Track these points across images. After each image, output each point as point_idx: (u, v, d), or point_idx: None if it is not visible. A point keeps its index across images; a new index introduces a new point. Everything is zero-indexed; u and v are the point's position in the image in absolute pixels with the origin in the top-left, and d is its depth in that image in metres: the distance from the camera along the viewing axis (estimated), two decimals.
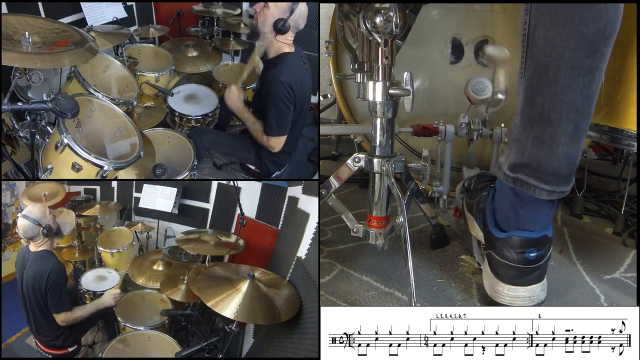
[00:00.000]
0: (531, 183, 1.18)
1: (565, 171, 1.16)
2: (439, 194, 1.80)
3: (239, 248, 2.09)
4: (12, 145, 1.71)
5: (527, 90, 1.14)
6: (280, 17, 1.80)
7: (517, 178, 1.21)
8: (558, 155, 1.14)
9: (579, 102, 1.09)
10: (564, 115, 1.10)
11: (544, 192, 1.18)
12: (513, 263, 1.22)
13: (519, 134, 1.19)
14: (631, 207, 1.90)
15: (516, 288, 1.24)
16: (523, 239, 1.21)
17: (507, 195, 1.26)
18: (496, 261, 1.27)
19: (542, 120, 1.12)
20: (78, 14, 2.25)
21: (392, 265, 1.55)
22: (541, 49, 1.08)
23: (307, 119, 2.06)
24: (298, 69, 1.87)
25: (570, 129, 1.11)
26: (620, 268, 1.54)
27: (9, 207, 2.88)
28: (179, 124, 2.20)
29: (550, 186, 1.17)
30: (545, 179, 1.17)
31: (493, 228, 1.30)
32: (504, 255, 1.24)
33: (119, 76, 2.02)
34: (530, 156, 1.17)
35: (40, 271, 1.71)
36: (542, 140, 1.14)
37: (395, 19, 1.33)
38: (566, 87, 1.07)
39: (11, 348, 2.16)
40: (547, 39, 1.06)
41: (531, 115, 1.14)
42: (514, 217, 1.25)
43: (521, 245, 1.21)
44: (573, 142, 1.13)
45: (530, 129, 1.15)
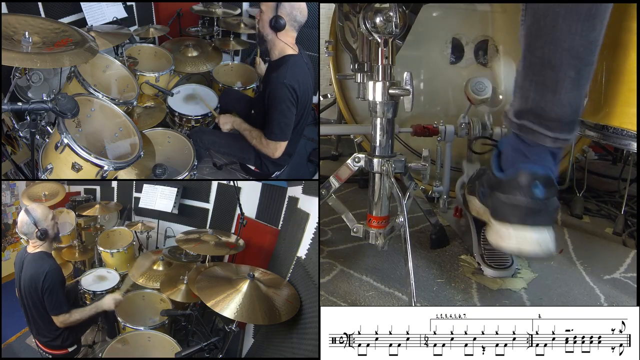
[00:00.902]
0: (536, 130, 1.18)
1: (568, 117, 1.17)
2: (439, 194, 1.80)
3: (239, 248, 2.09)
4: (12, 145, 1.71)
5: (527, 37, 1.15)
6: (272, 15, 1.82)
7: (522, 125, 1.20)
8: (561, 101, 1.14)
9: (579, 47, 1.10)
10: (564, 60, 1.11)
11: (548, 138, 1.18)
12: (521, 198, 1.16)
13: (522, 80, 1.19)
14: (631, 207, 1.90)
15: (524, 228, 1.15)
16: (530, 173, 1.17)
17: (512, 143, 1.25)
18: (502, 202, 1.20)
19: (543, 66, 1.13)
20: (78, 14, 2.25)
21: (392, 265, 1.55)
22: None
23: (308, 121, 2.06)
24: (301, 72, 1.87)
25: (571, 75, 1.12)
26: (620, 268, 1.54)
27: (9, 207, 2.88)
28: (179, 124, 2.20)
29: (554, 133, 1.17)
30: (549, 125, 1.17)
31: (497, 171, 1.27)
32: (510, 192, 1.18)
33: (119, 76, 2.02)
34: (533, 102, 1.17)
35: (36, 273, 1.70)
36: (545, 86, 1.14)
37: (395, 19, 1.33)
38: (565, 33, 1.08)
39: (11, 348, 2.16)
40: None
41: (532, 61, 1.15)
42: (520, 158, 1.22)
43: (528, 180, 1.16)
44: (575, 88, 1.14)
45: (532, 75, 1.16)
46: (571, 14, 1.07)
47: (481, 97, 1.76)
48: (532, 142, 1.20)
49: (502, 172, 1.26)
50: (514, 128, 1.23)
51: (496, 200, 1.23)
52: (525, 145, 1.22)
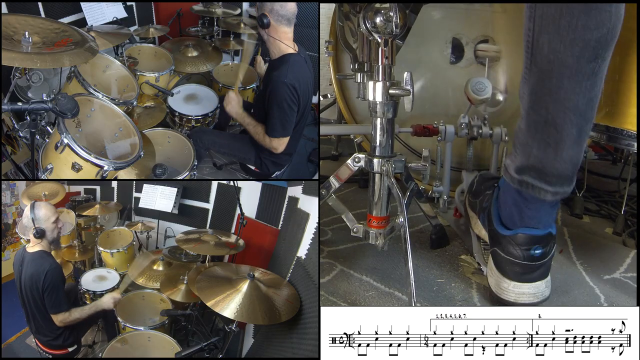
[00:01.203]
0: (536, 185, 1.21)
1: (569, 172, 1.19)
2: (439, 194, 1.80)
3: (239, 248, 2.09)
4: (12, 145, 1.71)
5: (531, 96, 1.16)
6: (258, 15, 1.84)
7: (523, 180, 1.23)
8: (563, 158, 1.17)
9: (582, 106, 1.11)
10: (567, 119, 1.12)
11: (549, 193, 1.21)
12: (519, 260, 1.24)
13: (525, 138, 1.21)
14: (631, 207, 1.90)
15: (521, 285, 1.25)
16: (528, 236, 1.23)
17: (511, 194, 1.28)
18: (501, 258, 1.28)
19: (546, 125, 1.15)
20: (78, 14, 2.25)
21: (392, 265, 1.55)
22: (545, 56, 1.10)
23: (307, 120, 2.07)
24: (301, 71, 1.87)
25: (574, 133, 1.14)
26: (620, 268, 1.54)
27: (9, 207, 2.88)
28: (179, 124, 2.20)
29: (555, 187, 1.20)
30: (549, 180, 1.19)
31: (498, 226, 1.32)
32: (510, 252, 1.26)
33: (119, 76, 2.02)
34: (535, 159, 1.19)
35: (37, 272, 1.70)
36: (547, 144, 1.16)
37: (395, 19, 1.33)
38: (569, 92, 1.10)
39: (11, 348, 2.16)
40: (551, 47, 1.08)
41: (536, 120, 1.17)
42: (519, 215, 1.27)
43: (527, 243, 1.23)
44: (577, 145, 1.16)
45: (535, 133, 1.18)
46: (577, 74, 1.08)
47: (481, 97, 1.76)
48: (531, 196, 1.22)
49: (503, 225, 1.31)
50: (515, 183, 1.25)
51: (496, 255, 1.31)
52: (525, 200, 1.25)
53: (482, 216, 1.43)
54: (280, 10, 1.82)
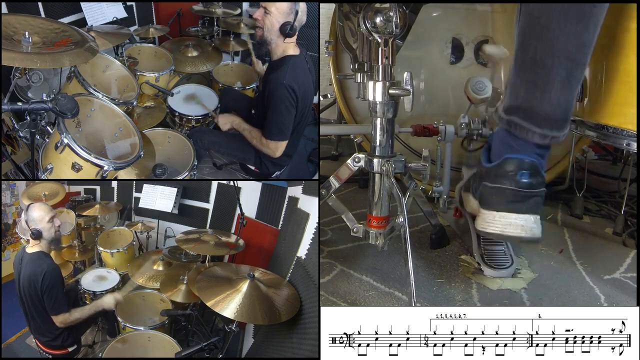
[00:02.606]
0: (524, 126, 1.19)
1: (558, 116, 1.18)
2: (439, 194, 1.80)
3: (239, 248, 2.09)
4: (12, 145, 1.71)
5: (520, 36, 1.16)
6: (285, 20, 1.79)
7: (511, 120, 1.22)
8: (551, 100, 1.16)
9: (572, 48, 1.10)
10: (556, 60, 1.12)
11: (537, 135, 1.19)
12: (506, 185, 1.20)
13: (513, 78, 1.20)
14: (631, 207, 1.90)
15: (508, 214, 1.19)
16: (515, 160, 1.20)
17: (500, 137, 1.27)
18: (489, 190, 1.24)
19: (534, 65, 1.14)
20: (78, 14, 2.25)
21: (392, 265, 1.55)
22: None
23: (308, 121, 2.06)
24: (301, 72, 1.86)
25: (562, 75, 1.13)
26: (620, 268, 1.54)
27: (9, 207, 2.88)
28: (179, 124, 2.20)
29: (543, 130, 1.18)
30: (538, 122, 1.18)
31: (486, 162, 1.30)
32: (497, 180, 1.22)
33: (119, 76, 2.02)
34: (523, 99, 1.18)
35: (35, 273, 1.70)
36: (535, 84, 1.16)
37: (395, 19, 1.33)
38: (558, 33, 1.09)
39: (11, 348, 2.16)
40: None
41: (524, 59, 1.16)
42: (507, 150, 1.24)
43: (514, 167, 1.20)
44: (566, 88, 1.15)
45: (524, 73, 1.17)
46: (565, 14, 1.07)
47: (481, 97, 1.76)
48: (520, 136, 1.21)
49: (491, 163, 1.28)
50: (503, 123, 1.24)
51: (483, 189, 1.27)
52: (514, 138, 1.23)
53: (474, 186, 1.39)
54: (302, 17, 1.83)
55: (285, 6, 1.79)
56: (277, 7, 1.78)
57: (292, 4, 1.80)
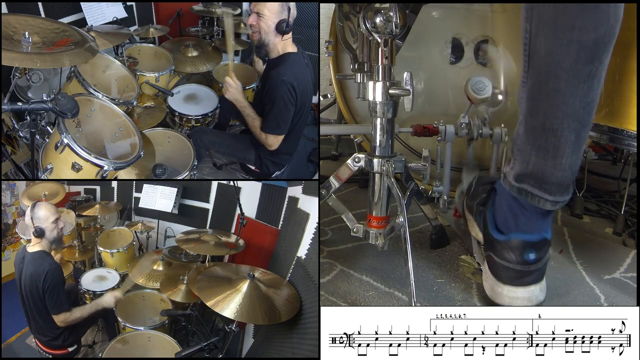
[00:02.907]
0: (536, 194, 1.19)
1: (568, 180, 1.18)
2: (439, 194, 1.80)
3: (239, 248, 2.09)
4: (12, 145, 1.71)
5: (529, 101, 1.14)
6: (280, 19, 1.80)
7: (522, 188, 1.21)
8: (562, 166, 1.15)
9: (580, 110, 1.09)
10: (565, 124, 1.10)
11: (548, 202, 1.19)
12: (512, 265, 1.24)
13: (523, 144, 1.19)
14: (631, 207, 1.90)
15: (515, 289, 1.25)
16: (522, 242, 1.23)
17: (507, 200, 1.28)
18: (496, 263, 1.28)
19: (544, 130, 1.13)
20: (78, 14, 2.25)
21: (392, 265, 1.55)
22: (542, 58, 1.08)
23: (307, 120, 2.06)
24: (300, 69, 1.87)
25: (572, 138, 1.12)
26: (620, 268, 1.54)
27: (9, 207, 2.88)
28: (179, 124, 2.20)
29: (554, 197, 1.18)
30: (549, 189, 1.18)
31: (493, 230, 1.32)
32: (504, 257, 1.25)
33: (119, 76, 2.02)
34: (534, 167, 1.18)
35: (37, 272, 1.70)
36: (546, 151, 1.14)
37: (395, 19, 1.33)
38: (567, 96, 1.08)
39: (11, 348, 2.16)
40: (548, 48, 1.06)
41: (533, 125, 1.15)
42: (514, 221, 1.26)
43: (520, 248, 1.23)
44: (575, 152, 1.14)
45: (534, 139, 1.16)
46: (574, 77, 1.06)
47: (481, 97, 1.75)
48: (528, 204, 1.21)
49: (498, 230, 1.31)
50: (514, 191, 1.24)
51: (491, 260, 1.31)
52: (521, 207, 1.24)
53: (479, 219, 1.43)
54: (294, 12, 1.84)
55: (277, 6, 1.80)
56: (269, 8, 1.80)
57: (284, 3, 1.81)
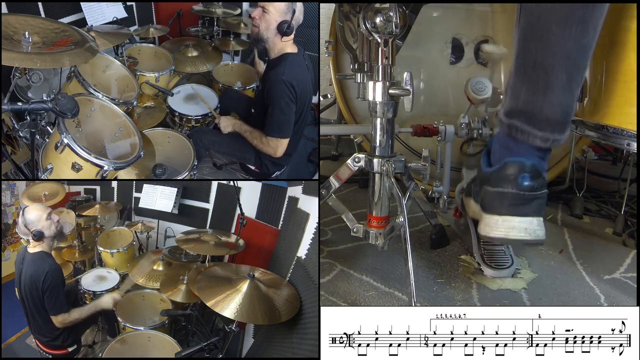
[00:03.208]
0: (525, 129, 1.19)
1: (559, 118, 1.18)
2: (439, 194, 1.80)
3: (239, 248, 2.09)
4: (12, 145, 1.71)
5: (520, 39, 1.16)
6: (282, 19, 1.80)
7: (512, 124, 1.21)
8: (552, 102, 1.16)
9: (572, 51, 1.11)
10: (556, 63, 1.12)
11: (538, 138, 1.19)
12: (507, 189, 1.19)
13: (513, 81, 1.20)
14: (631, 207, 1.90)
15: (511, 218, 1.19)
16: (516, 164, 1.20)
17: (501, 140, 1.27)
18: (491, 194, 1.23)
19: (535, 67, 1.14)
20: (78, 14, 2.25)
21: (392, 265, 1.55)
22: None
23: (307, 120, 2.06)
24: (300, 69, 1.87)
25: (563, 78, 1.13)
26: (620, 268, 1.54)
27: (9, 207, 2.88)
28: (179, 124, 2.20)
29: (544, 132, 1.18)
30: (539, 125, 1.18)
31: (487, 167, 1.30)
32: (498, 184, 1.21)
33: (119, 76, 2.02)
34: (524, 102, 1.18)
35: (37, 273, 1.70)
36: (536, 87, 1.15)
37: (395, 19, 1.33)
38: (558, 36, 1.09)
39: (11, 348, 2.16)
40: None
41: (525, 62, 1.16)
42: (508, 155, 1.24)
43: (515, 171, 1.19)
44: (566, 91, 1.15)
45: (524, 76, 1.17)
46: (565, 18, 1.07)
47: (481, 97, 1.76)
48: (521, 140, 1.21)
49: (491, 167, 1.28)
50: (504, 127, 1.24)
51: (485, 193, 1.26)
52: (514, 142, 1.23)
53: (475, 190, 1.39)
54: (299, 16, 1.85)
55: (283, 5, 1.80)
56: (275, 6, 1.80)
57: (289, 3, 1.81)
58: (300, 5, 1.85)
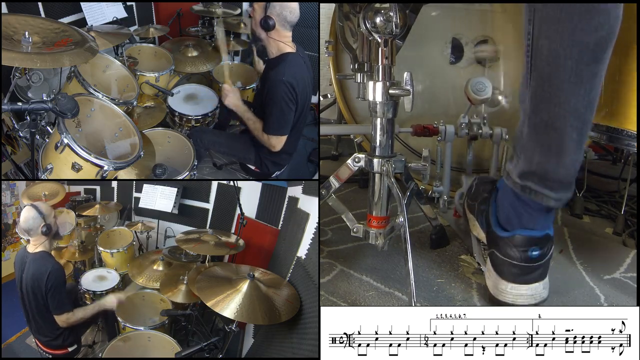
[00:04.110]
0: (539, 191, 1.21)
1: (571, 178, 1.20)
2: (439, 194, 1.80)
3: (239, 248, 2.09)
4: (12, 145, 1.71)
5: (532, 100, 1.16)
6: (262, 15, 1.82)
7: (526, 186, 1.23)
8: (565, 164, 1.17)
9: (582, 109, 1.11)
10: (567, 122, 1.12)
11: (552, 200, 1.21)
12: (516, 261, 1.24)
13: (527, 143, 1.21)
14: (631, 207, 1.90)
15: (519, 286, 1.25)
16: (526, 237, 1.23)
17: (509, 198, 1.29)
18: (499, 260, 1.28)
19: (547, 129, 1.15)
20: (78, 14, 2.25)
21: (392, 265, 1.55)
22: (544, 59, 1.10)
23: (307, 119, 2.06)
24: (299, 69, 1.87)
25: (574, 137, 1.14)
26: (620, 268, 1.54)
27: (9, 207, 2.88)
28: (179, 124, 2.20)
29: (557, 194, 1.20)
30: (552, 186, 1.19)
31: (496, 228, 1.32)
32: (507, 254, 1.26)
33: (119, 76, 2.02)
34: (538, 164, 1.19)
35: (39, 273, 1.70)
36: (549, 149, 1.17)
37: (395, 19, 1.33)
38: (569, 95, 1.10)
39: (11, 348, 2.16)
40: (550, 50, 1.08)
41: (537, 124, 1.17)
42: (517, 218, 1.27)
43: (524, 244, 1.23)
44: (578, 150, 1.16)
45: (537, 138, 1.18)
46: (576, 77, 1.08)
47: (481, 97, 1.76)
48: (531, 201, 1.23)
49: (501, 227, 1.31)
50: (517, 189, 1.25)
51: (494, 257, 1.31)
52: (523, 204, 1.25)
53: (481, 219, 1.44)
54: (288, 16, 1.83)
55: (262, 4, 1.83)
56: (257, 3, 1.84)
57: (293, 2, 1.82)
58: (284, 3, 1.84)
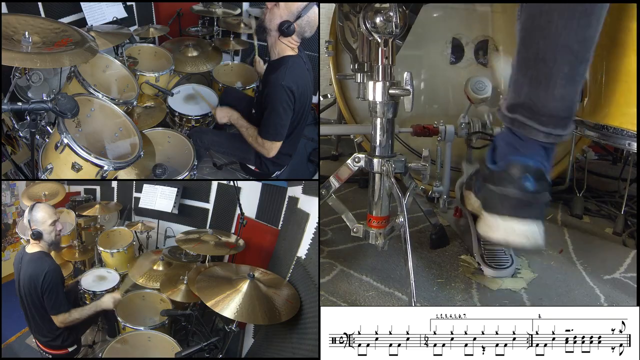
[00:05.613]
0: (527, 124, 1.18)
1: (561, 113, 1.16)
2: (439, 194, 1.80)
3: (239, 248, 2.09)
4: (12, 145, 1.71)
5: (522, 32, 1.15)
6: (286, 19, 1.80)
7: (515, 118, 1.20)
8: (554, 96, 1.14)
9: (574, 44, 1.10)
10: (558, 55, 1.11)
11: (541, 133, 1.17)
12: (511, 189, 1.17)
13: (516, 75, 1.19)
14: (631, 207, 1.90)
15: (513, 220, 1.16)
16: (521, 164, 1.17)
17: (505, 135, 1.26)
18: (492, 193, 1.21)
19: (537, 61, 1.13)
20: (78, 14, 2.25)
21: (392, 265, 1.55)
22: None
23: (307, 120, 2.06)
24: (300, 73, 1.86)
25: (565, 70, 1.12)
26: (620, 268, 1.54)
27: (9, 207, 2.88)
28: (179, 124, 2.20)
29: (547, 128, 1.16)
30: (541, 120, 1.16)
31: (490, 163, 1.27)
32: (501, 184, 1.19)
33: (119, 76, 2.02)
34: (526, 96, 1.17)
35: (35, 273, 1.70)
36: (538, 81, 1.14)
37: (395, 19, 1.33)
38: (560, 29, 1.09)
39: (11, 348, 2.16)
40: None
41: (526, 56, 1.16)
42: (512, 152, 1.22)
43: (518, 172, 1.17)
44: (569, 84, 1.14)
45: (526, 69, 1.16)
46: (567, 10, 1.07)
47: (481, 97, 1.76)
48: (525, 136, 1.19)
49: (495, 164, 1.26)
50: (507, 122, 1.23)
51: (487, 192, 1.24)
52: (518, 139, 1.21)
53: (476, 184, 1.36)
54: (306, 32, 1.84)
55: (294, 6, 1.80)
56: (286, 4, 1.80)
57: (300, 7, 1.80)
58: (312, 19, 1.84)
